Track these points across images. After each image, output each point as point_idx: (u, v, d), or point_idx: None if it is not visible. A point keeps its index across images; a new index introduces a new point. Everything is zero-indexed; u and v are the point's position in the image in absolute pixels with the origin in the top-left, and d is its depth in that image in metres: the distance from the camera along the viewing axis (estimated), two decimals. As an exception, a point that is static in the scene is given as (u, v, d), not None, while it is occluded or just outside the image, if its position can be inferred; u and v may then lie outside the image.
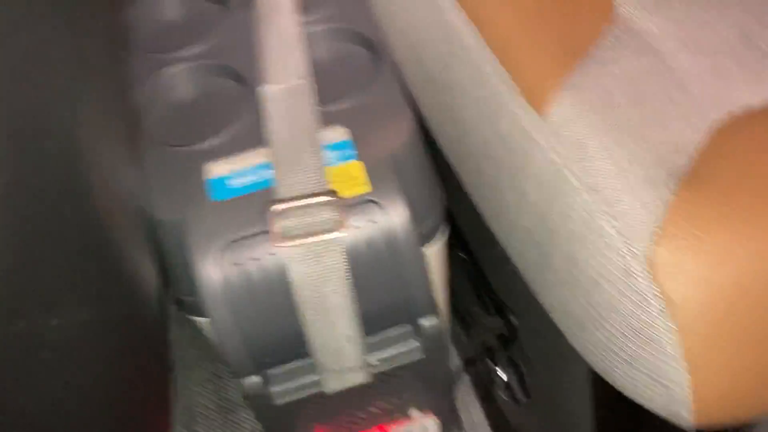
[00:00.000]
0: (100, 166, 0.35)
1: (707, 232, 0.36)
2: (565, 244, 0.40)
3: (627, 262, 0.36)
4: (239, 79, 0.47)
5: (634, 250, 0.36)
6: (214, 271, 0.40)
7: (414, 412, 0.50)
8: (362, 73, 0.47)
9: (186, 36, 0.49)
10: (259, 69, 0.46)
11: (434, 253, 0.47)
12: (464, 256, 0.61)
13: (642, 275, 0.36)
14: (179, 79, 0.47)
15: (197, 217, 0.40)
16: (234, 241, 0.40)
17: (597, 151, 0.38)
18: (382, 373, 0.46)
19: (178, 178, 0.42)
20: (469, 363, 0.64)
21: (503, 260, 0.48)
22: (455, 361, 0.66)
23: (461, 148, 0.49)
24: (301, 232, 0.40)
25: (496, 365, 0.61)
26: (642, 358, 0.38)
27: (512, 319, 0.59)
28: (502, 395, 0.61)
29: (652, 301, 0.36)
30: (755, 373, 0.37)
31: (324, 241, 0.40)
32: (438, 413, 0.52)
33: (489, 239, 0.49)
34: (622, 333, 0.38)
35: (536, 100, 0.41)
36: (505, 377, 0.60)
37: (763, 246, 0.36)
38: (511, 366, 0.59)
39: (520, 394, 0.59)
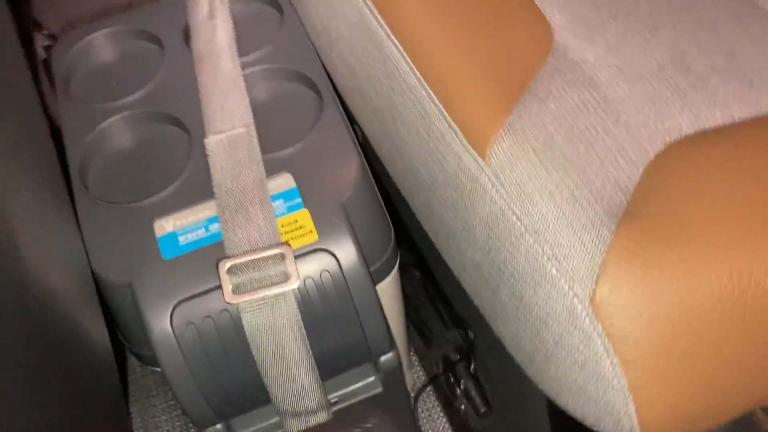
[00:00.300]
0: (37, 238, 0.34)
1: (644, 269, 0.37)
2: (512, 282, 0.41)
3: (571, 302, 0.38)
4: (181, 125, 0.47)
5: (577, 290, 0.37)
6: (169, 331, 0.40)
7: (378, 439, 0.52)
8: (305, 114, 0.47)
9: (124, 82, 0.49)
10: (202, 117, 0.45)
11: (388, 286, 0.48)
12: (420, 275, 0.62)
13: (585, 314, 0.37)
14: (120, 129, 0.47)
15: (149, 278, 0.41)
16: (186, 300, 0.40)
17: (538, 193, 0.39)
18: (344, 407, 0.47)
19: (127, 237, 0.42)
20: (432, 375, 0.66)
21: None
22: (419, 373, 0.68)
23: (410, 181, 0.50)
24: (253, 286, 0.40)
25: (457, 377, 0.62)
26: (589, 390, 0.39)
27: (470, 332, 0.60)
28: (464, 406, 0.63)
29: (596, 338, 0.37)
30: (694, 398, 0.39)
31: (276, 293, 0.40)
32: (402, 435, 0.53)
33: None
34: (570, 367, 0.39)
35: (477, 142, 0.42)
36: (466, 389, 0.62)
37: (696, 279, 0.37)
38: (472, 378, 0.61)
39: (481, 405, 0.60)
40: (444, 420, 0.66)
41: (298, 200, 0.43)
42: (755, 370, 0.40)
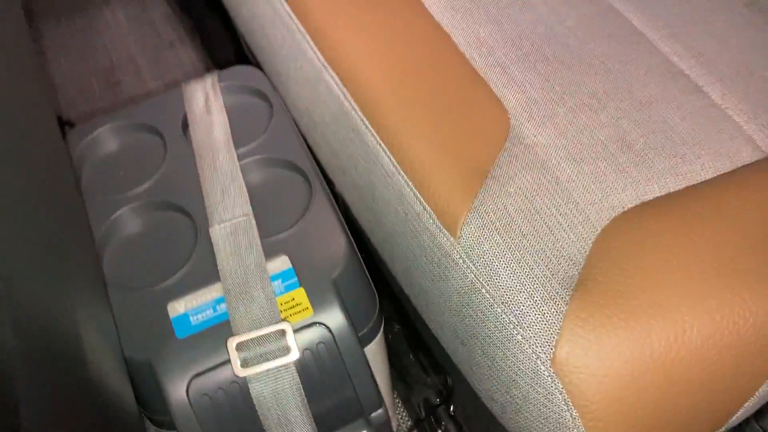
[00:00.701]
0: (90, 326, 0.40)
1: (595, 334, 0.44)
2: (484, 346, 0.47)
3: (535, 365, 0.44)
4: (186, 213, 0.52)
5: (540, 354, 0.44)
6: (186, 402, 0.45)
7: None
8: (297, 199, 0.53)
9: (131, 174, 0.54)
10: (205, 208, 0.51)
11: (374, 347, 0.54)
12: (401, 327, 0.68)
13: (547, 374, 0.44)
14: (130, 219, 0.52)
15: (166, 356, 0.46)
16: (200, 374, 0.46)
17: (503, 270, 0.46)
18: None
19: (145, 319, 0.47)
20: (415, 420, 0.71)
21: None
22: (402, 414, 0.73)
23: (390, 251, 0.56)
24: (258, 360, 0.46)
25: (438, 419, 0.68)
26: (554, 438, 0.45)
27: (448, 378, 0.66)
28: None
29: (557, 395, 0.44)
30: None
31: (279, 365, 0.46)
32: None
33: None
34: (536, 418, 0.46)
35: (448, 222, 0.48)
36: (446, 430, 0.67)
37: (638, 340, 0.44)
38: (451, 420, 0.67)
39: (461, 446, 0.66)
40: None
41: (295, 280, 0.48)
42: (694, 412, 0.46)
